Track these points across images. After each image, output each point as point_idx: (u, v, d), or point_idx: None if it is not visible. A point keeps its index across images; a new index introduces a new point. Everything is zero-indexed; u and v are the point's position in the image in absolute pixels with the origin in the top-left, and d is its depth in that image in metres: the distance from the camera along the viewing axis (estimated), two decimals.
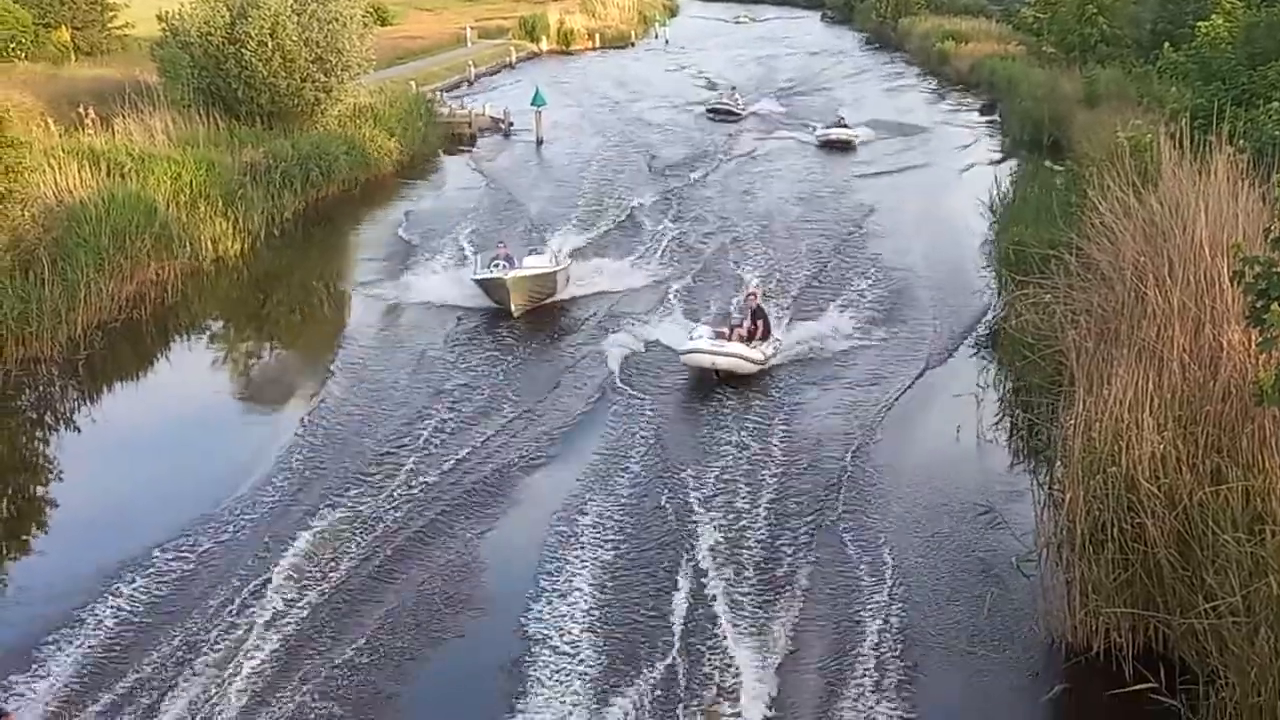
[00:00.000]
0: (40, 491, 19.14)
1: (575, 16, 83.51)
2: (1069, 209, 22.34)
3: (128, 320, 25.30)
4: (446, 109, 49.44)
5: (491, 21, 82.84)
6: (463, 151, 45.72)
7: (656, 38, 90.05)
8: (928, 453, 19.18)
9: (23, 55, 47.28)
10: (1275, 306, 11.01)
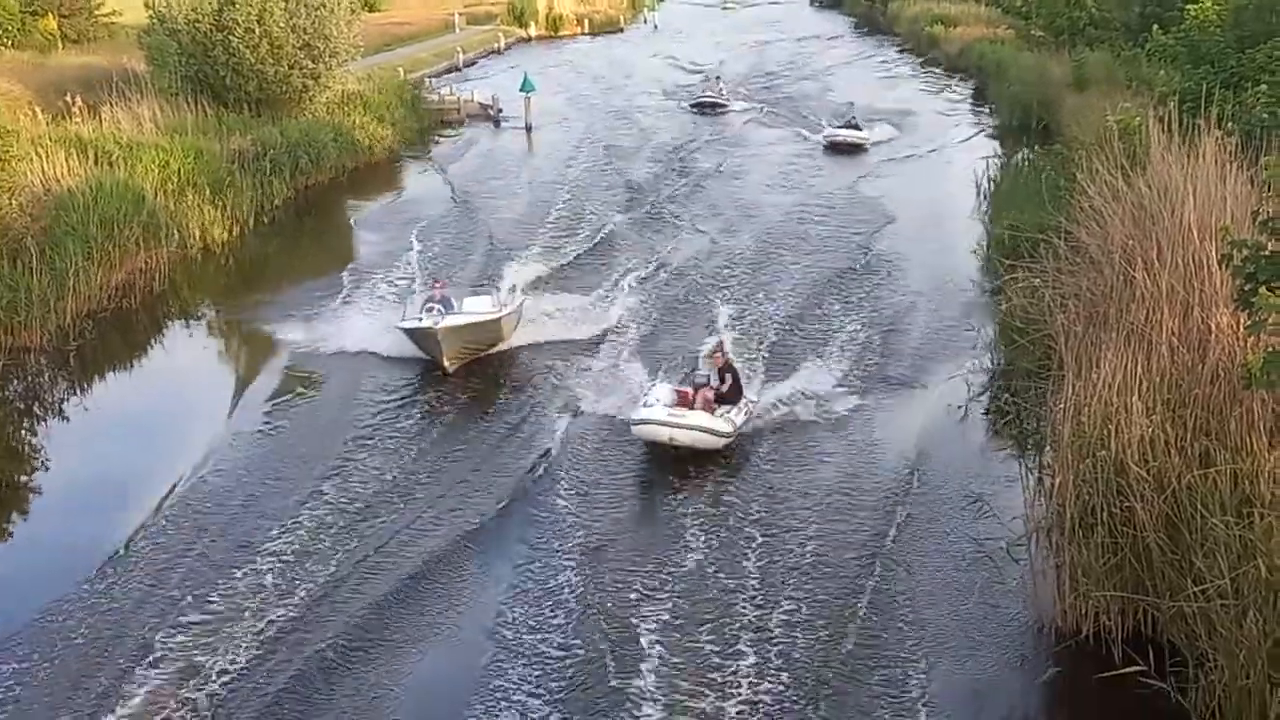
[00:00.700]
0: (26, 480, 19.06)
1: (564, 2, 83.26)
2: (1058, 193, 22.34)
3: (117, 309, 25.25)
4: (435, 95, 49.35)
5: (480, 7, 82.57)
6: (451, 138, 45.62)
7: (645, 22, 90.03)
8: (916, 438, 19.10)
9: (9, 43, 47.06)
10: (1263, 290, 11.05)
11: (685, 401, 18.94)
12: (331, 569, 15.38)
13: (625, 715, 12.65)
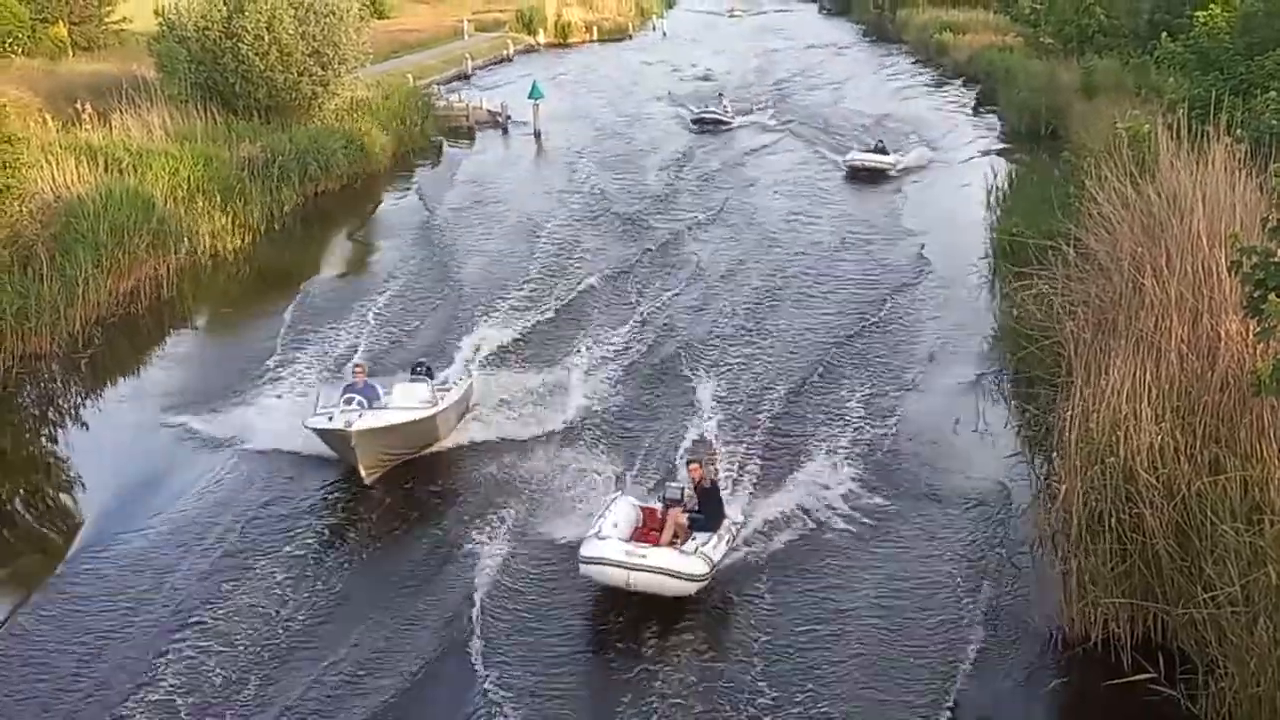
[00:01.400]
0: (39, 486, 19.10)
1: (572, 9, 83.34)
2: (1067, 200, 22.32)
3: (126, 316, 25.34)
4: (444, 102, 49.49)
5: (488, 14, 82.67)
6: (460, 145, 45.73)
7: (654, 30, 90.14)
8: (925, 443, 19.07)
9: (20, 50, 47.16)
10: (1273, 296, 11.01)
11: (652, 523, 15.50)
12: None
13: None
